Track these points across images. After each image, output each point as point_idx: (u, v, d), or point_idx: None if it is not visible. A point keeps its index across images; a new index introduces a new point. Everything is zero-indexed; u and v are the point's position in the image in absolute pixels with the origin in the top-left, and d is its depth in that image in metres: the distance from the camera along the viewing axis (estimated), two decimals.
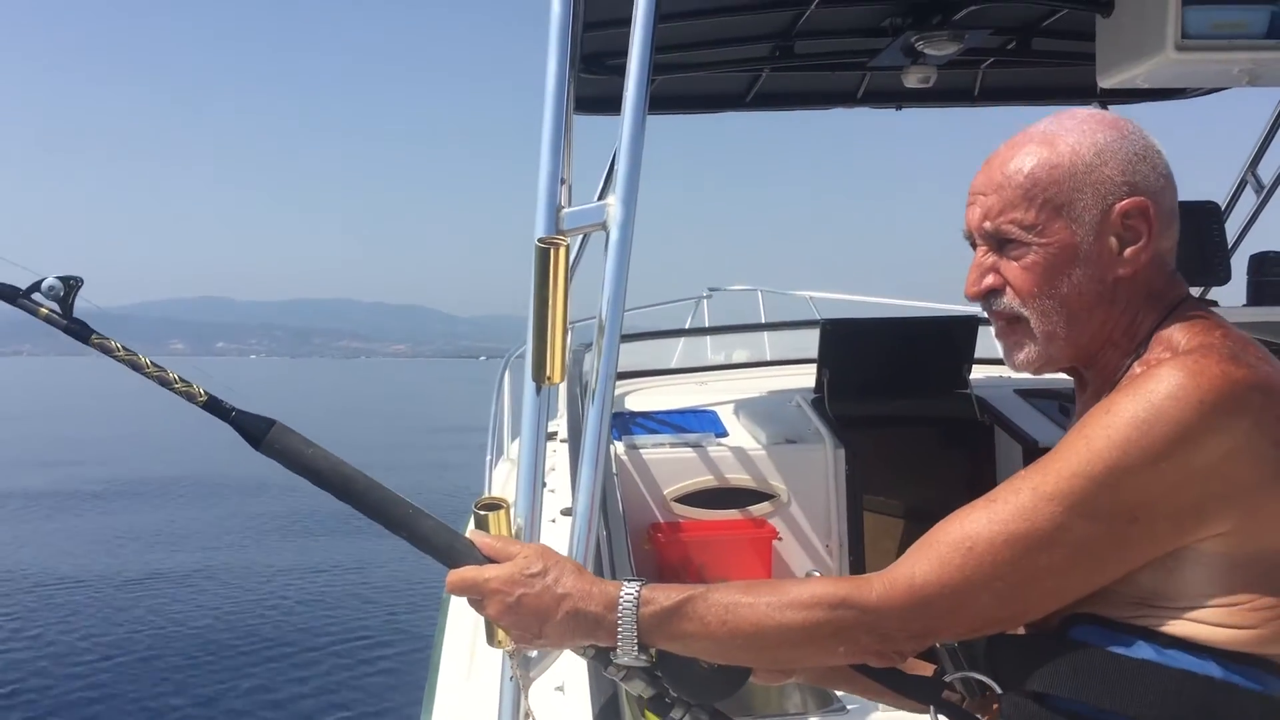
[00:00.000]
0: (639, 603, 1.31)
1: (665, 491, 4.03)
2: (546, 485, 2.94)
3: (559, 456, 4.01)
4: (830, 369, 4.40)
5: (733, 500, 4.08)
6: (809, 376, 4.59)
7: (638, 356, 5.49)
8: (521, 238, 1.77)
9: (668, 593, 1.32)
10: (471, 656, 3.04)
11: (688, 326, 7.68)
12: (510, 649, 1.47)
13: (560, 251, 1.66)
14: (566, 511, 2.94)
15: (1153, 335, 1.32)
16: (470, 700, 2.80)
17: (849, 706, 2.81)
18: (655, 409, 4.46)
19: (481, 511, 1.51)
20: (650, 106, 1.86)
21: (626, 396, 4.80)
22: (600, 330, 1.74)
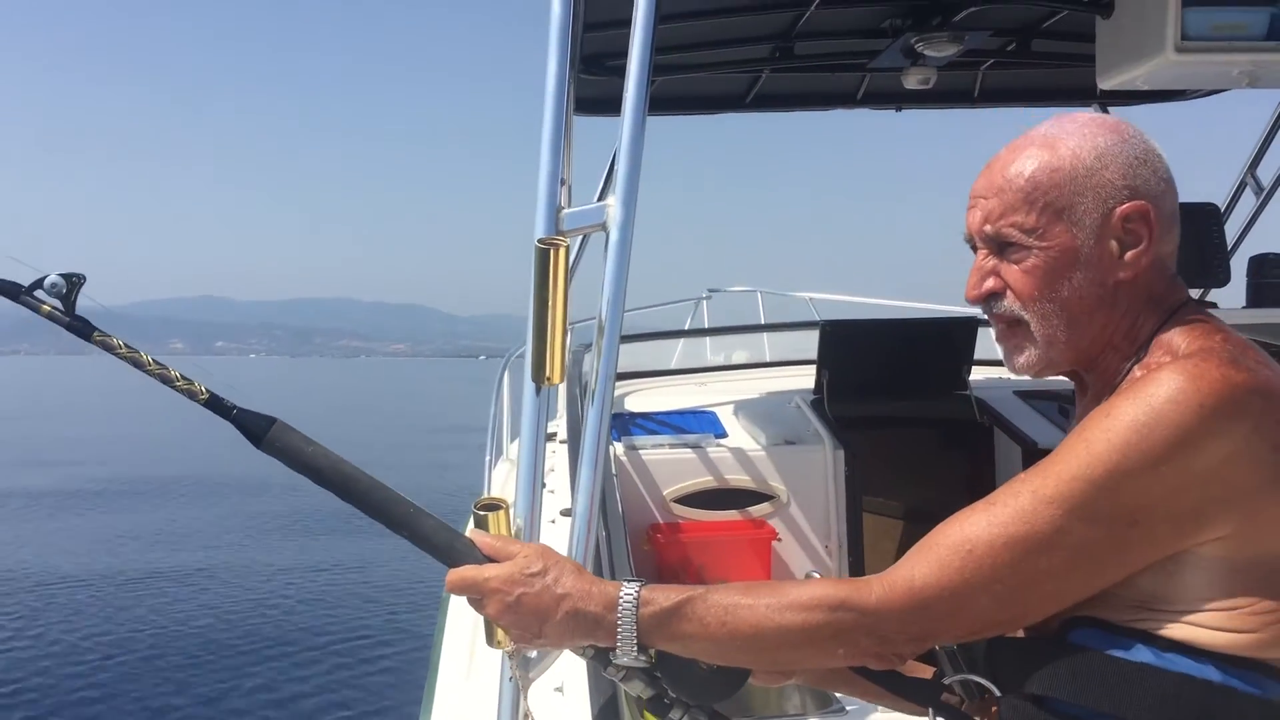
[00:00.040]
0: (638, 603, 1.31)
1: (665, 492, 4.03)
2: (546, 486, 2.94)
3: (558, 457, 4.01)
4: (830, 370, 4.41)
5: (732, 501, 4.08)
6: (808, 377, 4.59)
7: (637, 357, 5.49)
8: (521, 238, 1.77)
9: (667, 593, 1.32)
10: (471, 657, 3.05)
11: (687, 327, 7.68)
12: (510, 649, 1.47)
13: (560, 252, 1.67)
14: (566, 512, 2.94)
15: (1153, 339, 1.33)
16: (469, 701, 2.80)
17: (848, 708, 2.81)
18: (655, 410, 4.46)
19: (481, 512, 1.51)
20: (650, 107, 1.86)
21: (626, 397, 4.80)
22: (600, 331, 1.74)
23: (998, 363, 4.48)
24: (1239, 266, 4.62)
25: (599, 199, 1.83)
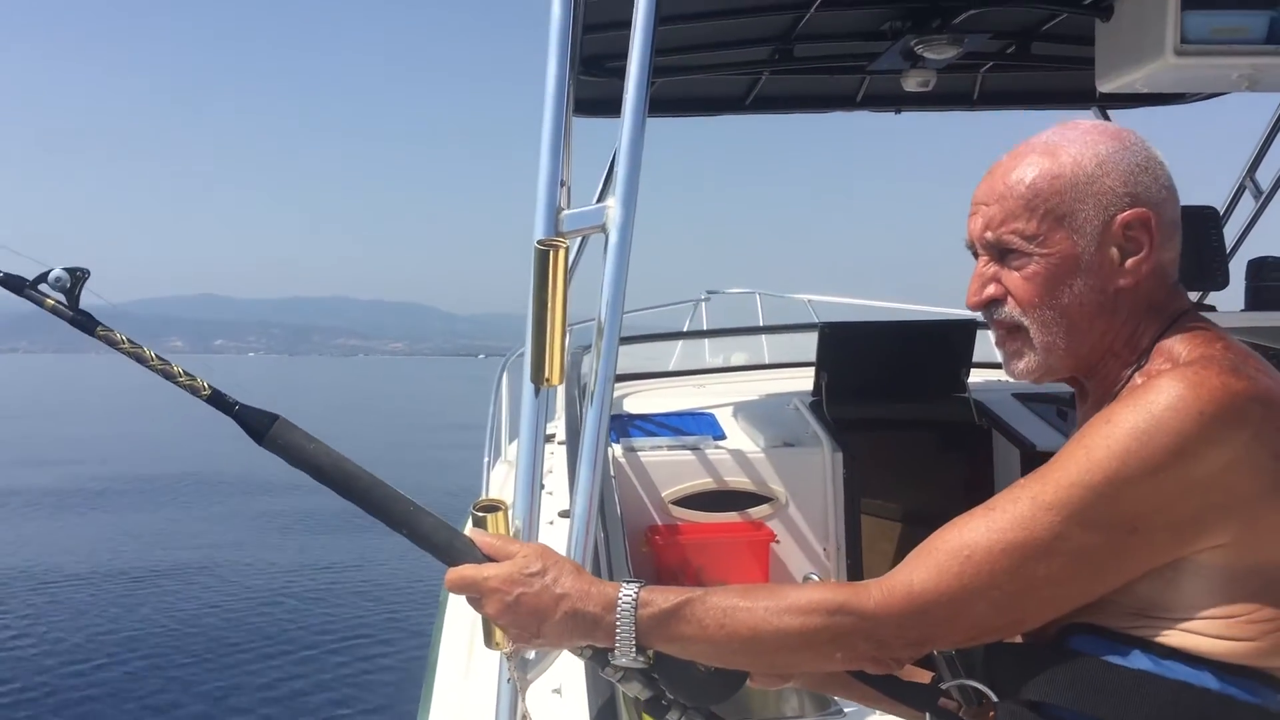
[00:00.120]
0: (637, 604, 1.31)
1: (663, 494, 4.03)
2: (544, 487, 2.94)
3: (556, 458, 4.01)
4: (828, 372, 4.41)
5: (731, 503, 4.08)
6: (807, 379, 4.59)
7: (636, 359, 5.49)
8: (521, 238, 1.77)
9: (666, 595, 1.32)
10: (469, 658, 3.04)
11: (686, 329, 7.68)
12: (508, 651, 1.47)
13: (559, 253, 1.67)
14: (564, 513, 2.94)
15: (1154, 346, 1.32)
16: (467, 702, 2.80)
17: (846, 709, 2.81)
18: (653, 411, 4.46)
19: (479, 513, 1.51)
20: (650, 109, 1.86)
21: (625, 399, 4.80)
22: (599, 332, 1.74)
23: (996, 365, 4.48)
24: (1238, 270, 4.63)
25: (598, 200, 1.83)
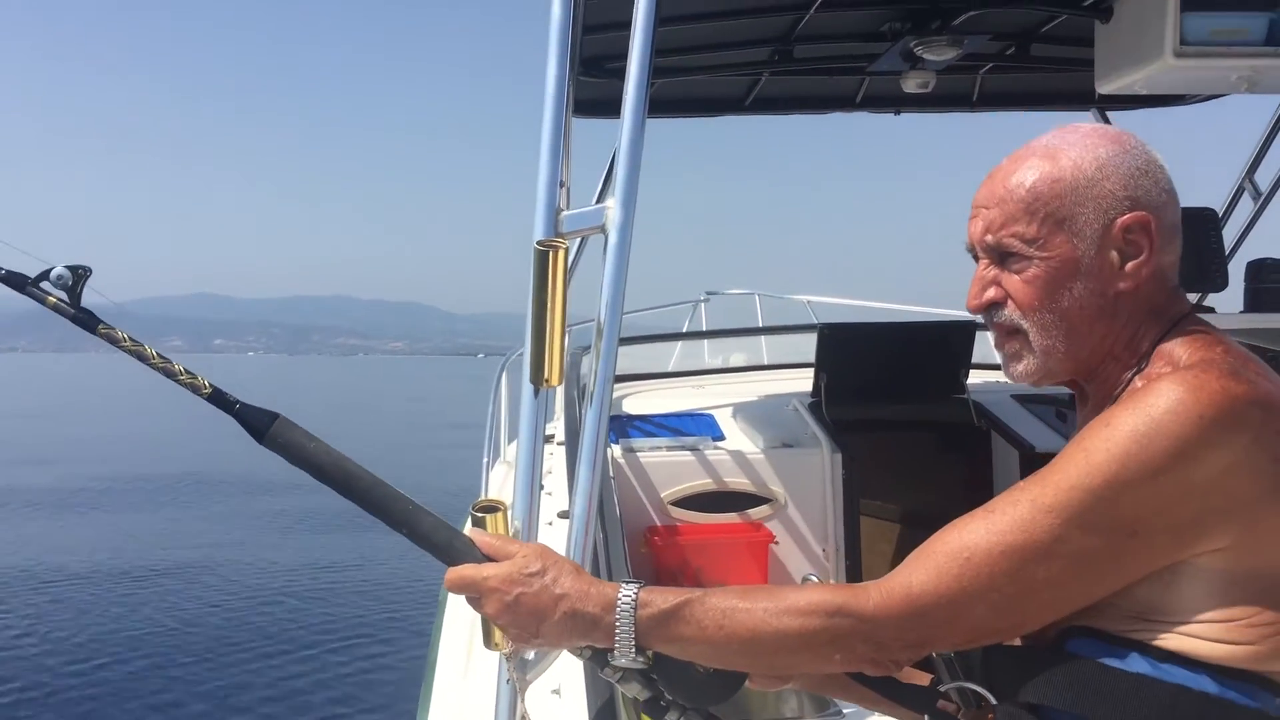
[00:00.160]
0: (637, 605, 1.31)
1: (662, 495, 4.03)
2: (543, 488, 2.94)
3: (555, 459, 4.01)
4: (828, 373, 4.41)
5: (730, 504, 4.08)
6: (806, 380, 4.59)
7: (635, 360, 5.49)
8: (521, 238, 1.77)
9: (665, 595, 1.32)
10: (468, 658, 3.04)
11: (685, 330, 7.68)
12: (507, 651, 1.47)
13: (559, 254, 1.66)
14: (563, 514, 2.94)
15: (1154, 350, 1.32)
16: (466, 702, 2.80)
17: (845, 710, 2.81)
18: (652, 412, 4.46)
19: (479, 514, 1.51)
20: (650, 110, 1.86)
21: (624, 399, 4.80)
22: (598, 333, 1.74)
23: (995, 366, 4.48)
24: (1237, 271, 4.63)
25: (598, 201, 1.83)
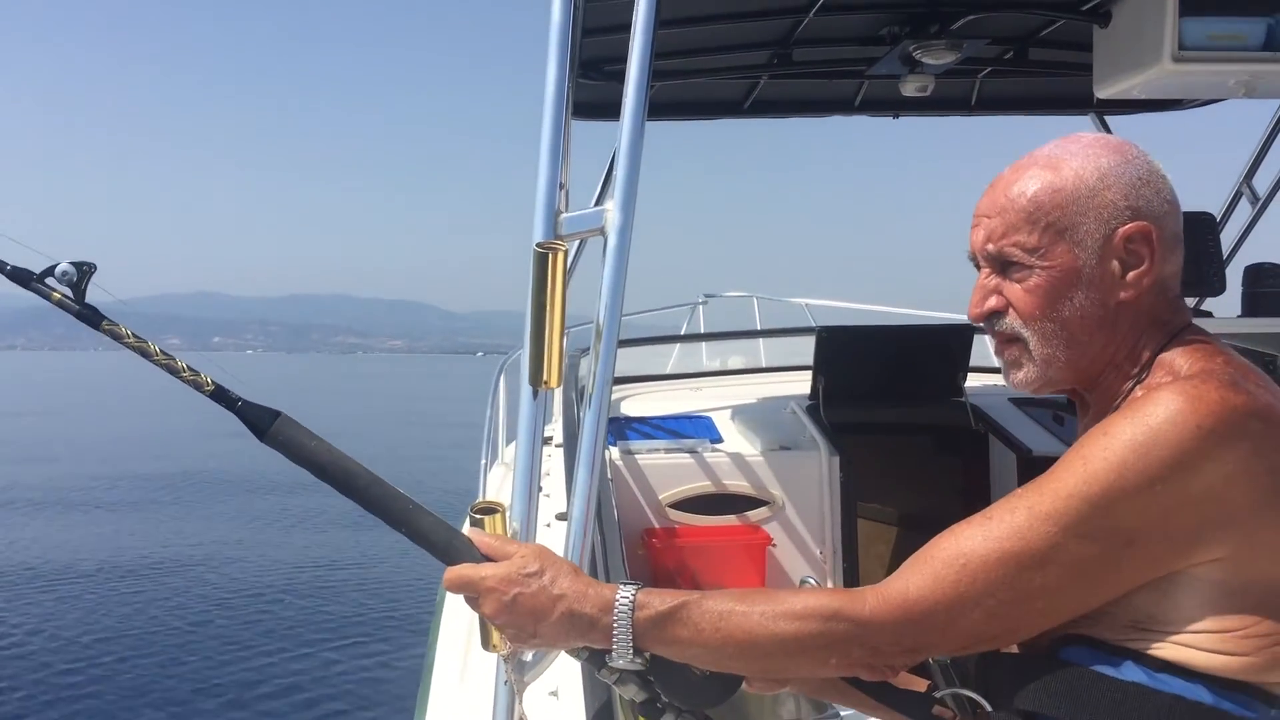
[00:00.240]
0: (634, 606, 1.31)
1: (660, 497, 4.03)
2: (541, 490, 2.95)
3: (553, 461, 4.01)
4: (825, 376, 4.41)
5: (727, 506, 4.08)
6: (804, 383, 4.59)
7: (633, 362, 5.49)
8: (520, 237, 1.77)
9: (663, 597, 1.32)
10: (465, 660, 3.04)
11: (683, 332, 7.68)
12: (505, 653, 1.47)
13: (558, 256, 1.67)
14: (561, 516, 2.94)
15: (1155, 359, 1.33)
16: (464, 704, 2.80)
17: (842, 714, 2.81)
18: (650, 414, 4.47)
19: (477, 515, 1.51)
20: (649, 112, 1.86)
21: (622, 402, 4.80)
22: (597, 335, 1.74)
23: (993, 370, 4.49)
24: (1234, 276, 4.63)
25: (596, 203, 1.83)
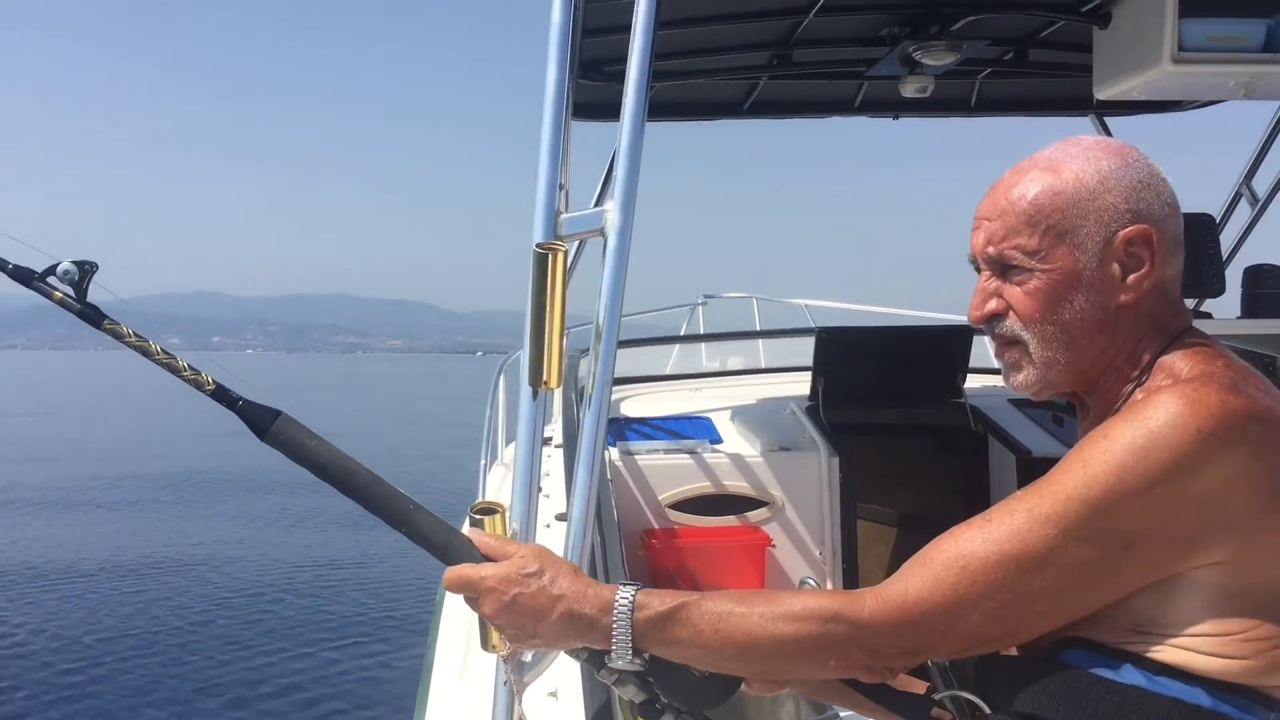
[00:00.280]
0: (634, 607, 1.31)
1: (660, 498, 4.03)
2: (541, 490, 2.95)
3: (553, 462, 4.01)
4: (825, 377, 4.41)
5: (727, 507, 4.08)
6: (804, 384, 4.60)
7: (633, 362, 5.49)
8: (520, 236, 1.77)
9: (662, 598, 1.32)
10: (465, 660, 3.04)
11: (683, 333, 7.68)
12: (505, 654, 1.47)
13: (558, 257, 1.66)
14: (561, 517, 2.94)
15: (1155, 363, 1.33)
16: (463, 704, 2.80)
17: (841, 716, 2.81)
18: (650, 415, 4.47)
19: (477, 516, 1.51)
20: (649, 113, 1.86)
21: (621, 402, 4.80)
22: (597, 335, 1.74)
23: (993, 371, 4.49)
24: (1234, 277, 4.63)
25: (596, 204, 1.83)
